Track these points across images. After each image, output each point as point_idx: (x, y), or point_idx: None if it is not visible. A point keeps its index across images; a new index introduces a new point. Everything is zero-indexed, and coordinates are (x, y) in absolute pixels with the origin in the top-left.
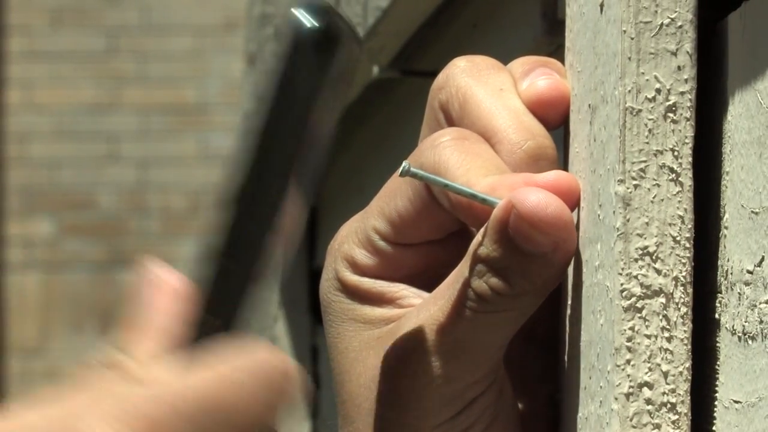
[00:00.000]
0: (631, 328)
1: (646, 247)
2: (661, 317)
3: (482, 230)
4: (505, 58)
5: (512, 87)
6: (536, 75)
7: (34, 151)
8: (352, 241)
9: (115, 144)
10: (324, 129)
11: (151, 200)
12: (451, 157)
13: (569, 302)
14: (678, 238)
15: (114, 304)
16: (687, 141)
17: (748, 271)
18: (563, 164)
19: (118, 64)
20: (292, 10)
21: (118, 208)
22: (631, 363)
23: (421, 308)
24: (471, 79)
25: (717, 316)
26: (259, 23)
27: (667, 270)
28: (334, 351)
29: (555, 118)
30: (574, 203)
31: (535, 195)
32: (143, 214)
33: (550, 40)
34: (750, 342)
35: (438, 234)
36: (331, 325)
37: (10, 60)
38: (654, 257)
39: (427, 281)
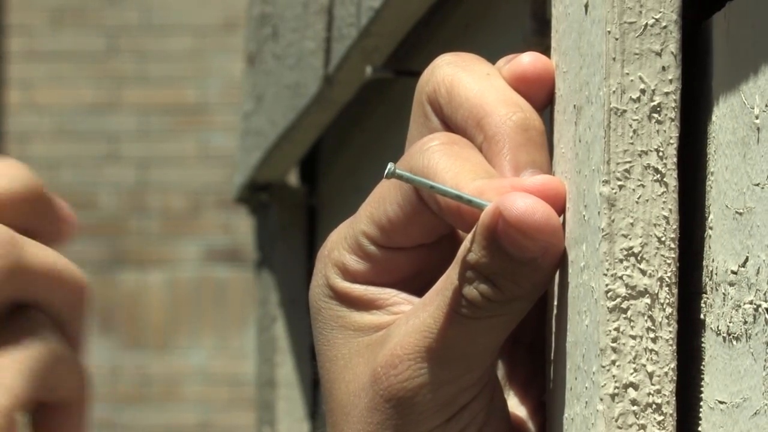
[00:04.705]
0: (617, 329)
1: (631, 248)
2: (646, 318)
3: (470, 236)
4: (496, 58)
5: (497, 73)
6: (520, 56)
7: (34, 151)
8: (342, 247)
9: (115, 144)
10: None
11: (151, 200)
12: (440, 162)
13: (555, 303)
14: (663, 239)
15: (114, 304)
16: (672, 141)
17: (733, 272)
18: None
19: (118, 64)
20: None
21: (118, 208)
22: (617, 364)
23: (411, 315)
24: (456, 67)
25: (702, 316)
26: (258, 23)
27: (652, 270)
28: (323, 358)
29: (540, 96)
30: (560, 207)
31: (522, 201)
32: (143, 214)
33: (540, 41)
34: (735, 342)
35: (429, 238)
36: (321, 332)
37: (10, 60)
38: (639, 258)
39: (420, 284)
